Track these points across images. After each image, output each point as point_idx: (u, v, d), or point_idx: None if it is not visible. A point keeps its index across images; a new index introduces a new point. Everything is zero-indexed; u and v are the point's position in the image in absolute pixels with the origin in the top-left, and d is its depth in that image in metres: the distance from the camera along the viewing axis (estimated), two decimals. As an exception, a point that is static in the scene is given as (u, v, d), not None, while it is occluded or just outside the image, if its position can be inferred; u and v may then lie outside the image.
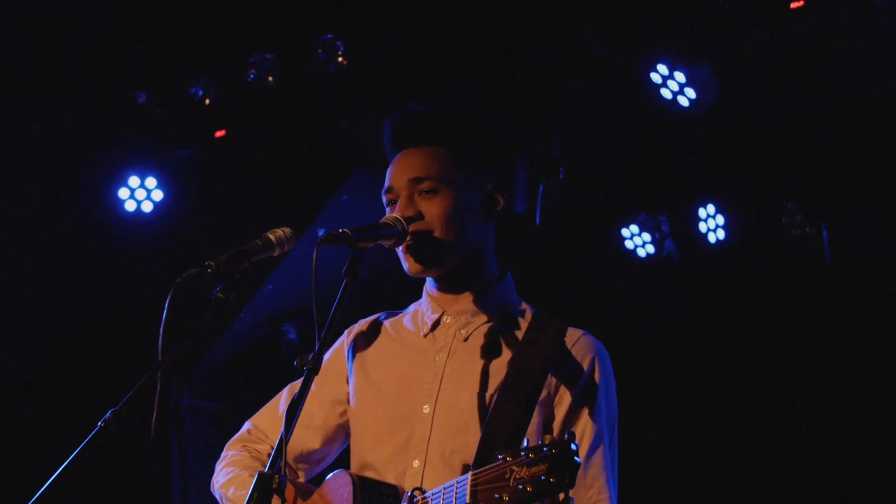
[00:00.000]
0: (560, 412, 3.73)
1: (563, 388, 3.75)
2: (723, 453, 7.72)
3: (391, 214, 3.81)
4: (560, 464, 3.05)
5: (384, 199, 3.93)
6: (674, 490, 7.61)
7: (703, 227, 7.55)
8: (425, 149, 3.90)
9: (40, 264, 7.76)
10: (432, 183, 3.82)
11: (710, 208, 7.50)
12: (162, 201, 7.63)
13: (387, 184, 3.92)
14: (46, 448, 7.75)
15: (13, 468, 7.47)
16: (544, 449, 3.08)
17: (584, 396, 3.75)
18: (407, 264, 3.84)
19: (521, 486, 3.07)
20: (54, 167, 7.47)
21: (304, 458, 4.05)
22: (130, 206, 7.61)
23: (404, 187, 3.84)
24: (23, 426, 7.84)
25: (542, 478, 3.04)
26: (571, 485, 3.04)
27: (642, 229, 7.79)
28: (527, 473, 3.07)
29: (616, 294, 7.96)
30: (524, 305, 3.97)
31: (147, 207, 7.63)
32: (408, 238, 3.77)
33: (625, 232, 7.82)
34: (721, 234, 7.49)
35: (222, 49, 7.16)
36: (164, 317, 3.51)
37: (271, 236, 3.62)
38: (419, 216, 3.79)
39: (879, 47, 6.13)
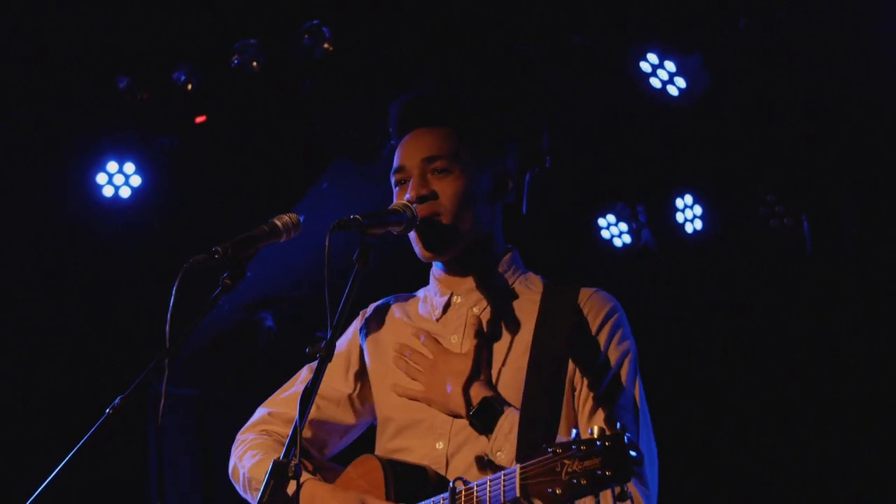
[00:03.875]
0: (585, 382, 3.73)
1: (583, 356, 3.73)
2: (697, 444, 7.75)
3: (400, 200, 3.81)
4: (615, 457, 3.00)
5: (393, 180, 3.93)
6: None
7: (680, 217, 7.55)
8: (436, 129, 3.91)
9: (14, 249, 7.68)
10: (445, 162, 3.84)
11: (688, 198, 7.51)
12: (140, 187, 7.55)
13: (396, 164, 3.92)
14: (19, 433, 7.73)
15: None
16: (597, 442, 3.03)
17: (602, 357, 3.74)
18: (419, 248, 3.87)
19: (574, 480, 3.03)
20: (32, 152, 7.39)
21: (334, 433, 4.05)
22: (108, 192, 7.53)
23: (416, 167, 3.85)
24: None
25: (598, 472, 3.00)
26: (628, 478, 3.00)
27: (619, 219, 7.78)
28: (580, 467, 3.02)
29: (592, 284, 7.95)
30: (534, 277, 3.98)
31: (125, 193, 7.55)
32: (419, 221, 3.77)
33: (601, 221, 7.82)
34: (698, 224, 7.50)
35: (206, 34, 7.10)
36: (171, 303, 3.44)
37: (278, 222, 3.61)
38: (433, 195, 3.81)
39: (865, 39, 6.17)
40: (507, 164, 3.99)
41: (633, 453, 3.02)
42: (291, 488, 3.14)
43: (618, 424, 3.08)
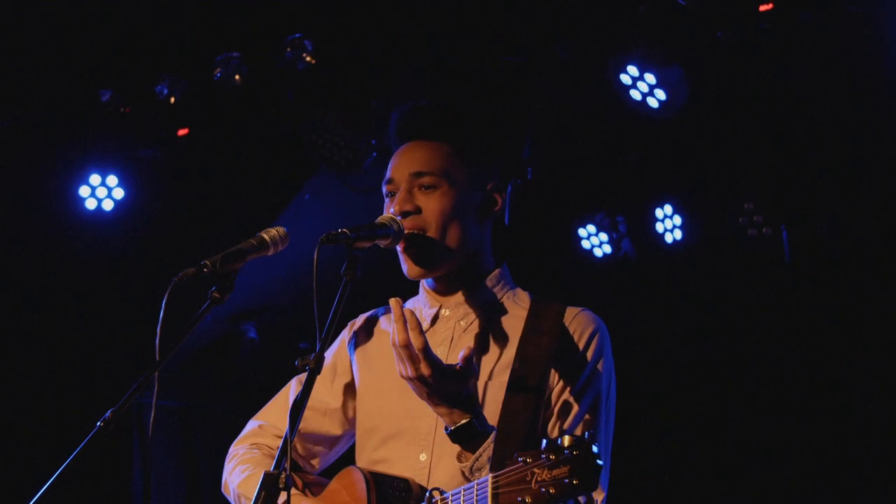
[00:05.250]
0: (563, 398, 3.76)
1: (564, 372, 3.76)
2: (676, 451, 7.78)
3: (387, 214, 3.82)
4: (582, 465, 3.04)
5: (384, 190, 3.94)
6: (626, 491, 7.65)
7: (660, 227, 7.57)
8: (429, 143, 3.92)
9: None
10: (433, 178, 3.84)
11: (668, 208, 7.53)
12: (123, 200, 7.56)
13: (387, 174, 3.93)
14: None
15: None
16: (565, 451, 3.06)
17: (582, 375, 3.77)
18: (406, 267, 3.87)
19: (543, 489, 3.06)
20: (14, 164, 7.40)
21: (323, 444, 4.08)
22: (91, 205, 7.54)
23: (404, 180, 3.86)
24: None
25: (566, 480, 3.03)
26: (595, 486, 3.04)
27: (599, 229, 7.81)
28: (549, 476, 3.06)
29: (572, 294, 7.96)
30: (522, 293, 3.99)
31: (108, 206, 7.56)
32: (404, 239, 3.79)
33: (582, 232, 7.84)
34: (678, 234, 7.52)
35: (189, 47, 7.12)
36: (160, 316, 3.45)
37: (265, 236, 3.63)
38: (417, 210, 3.82)
39: (846, 50, 6.23)
40: (497, 179, 4.00)
41: (599, 462, 3.06)
42: (282, 500, 3.16)
43: (586, 434, 3.12)
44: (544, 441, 3.14)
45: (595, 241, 7.83)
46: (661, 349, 7.85)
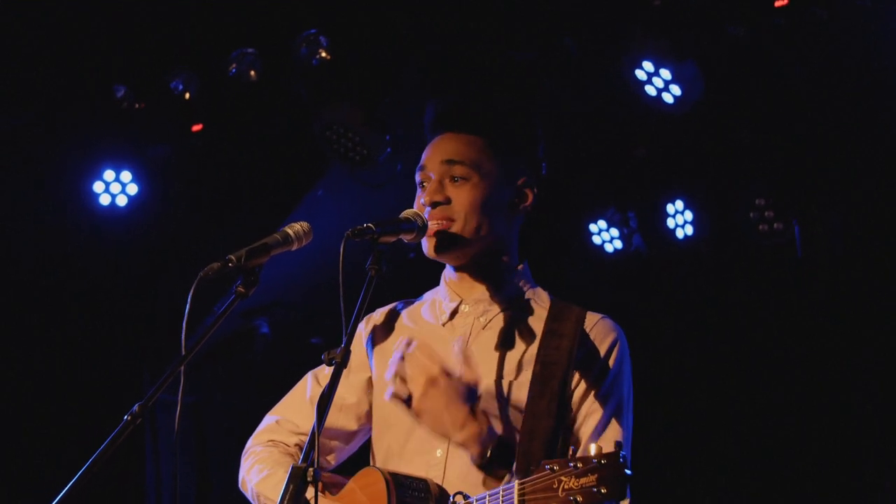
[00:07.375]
0: (585, 405, 3.79)
1: (586, 379, 3.80)
2: (687, 448, 7.79)
3: (412, 209, 3.86)
4: (611, 474, 3.07)
5: (417, 178, 3.98)
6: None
7: (671, 222, 7.57)
8: (464, 136, 3.96)
9: (11, 257, 7.70)
10: (465, 169, 3.89)
11: (679, 204, 7.53)
12: (136, 195, 7.59)
13: (420, 162, 3.99)
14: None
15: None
16: (594, 460, 3.10)
17: (605, 383, 3.81)
18: (427, 247, 3.90)
19: (571, 497, 3.09)
20: (29, 160, 7.42)
21: (339, 439, 4.10)
22: (105, 201, 7.57)
23: (436, 169, 3.91)
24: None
25: (594, 489, 3.06)
26: (623, 496, 3.08)
27: (610, 224, 7.81)
28: (576, 484, 3.09)
29: (582, 290, 7.99)
30: (542, 293, 4.03)
31: (122, 202, 7.59)
32: (433, 236, 3.83)
33: (593, 227, 7.85)
34: (689, 229, 7.51)
35: (204, 43, 7.14)
36: (186, 311, 3.48)
37: (290, 231, 3.66)
38: (446, 201, 3.86)
39: (858, 46, 6.24)
40: (527, 175, 4.04)
41: (628, 472, 3.09)
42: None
43: (615, 442, 3.16)
44: (571, 449, 3.20)
45: (606, 236, 7.84)
46: (672, 344, 7.85)
